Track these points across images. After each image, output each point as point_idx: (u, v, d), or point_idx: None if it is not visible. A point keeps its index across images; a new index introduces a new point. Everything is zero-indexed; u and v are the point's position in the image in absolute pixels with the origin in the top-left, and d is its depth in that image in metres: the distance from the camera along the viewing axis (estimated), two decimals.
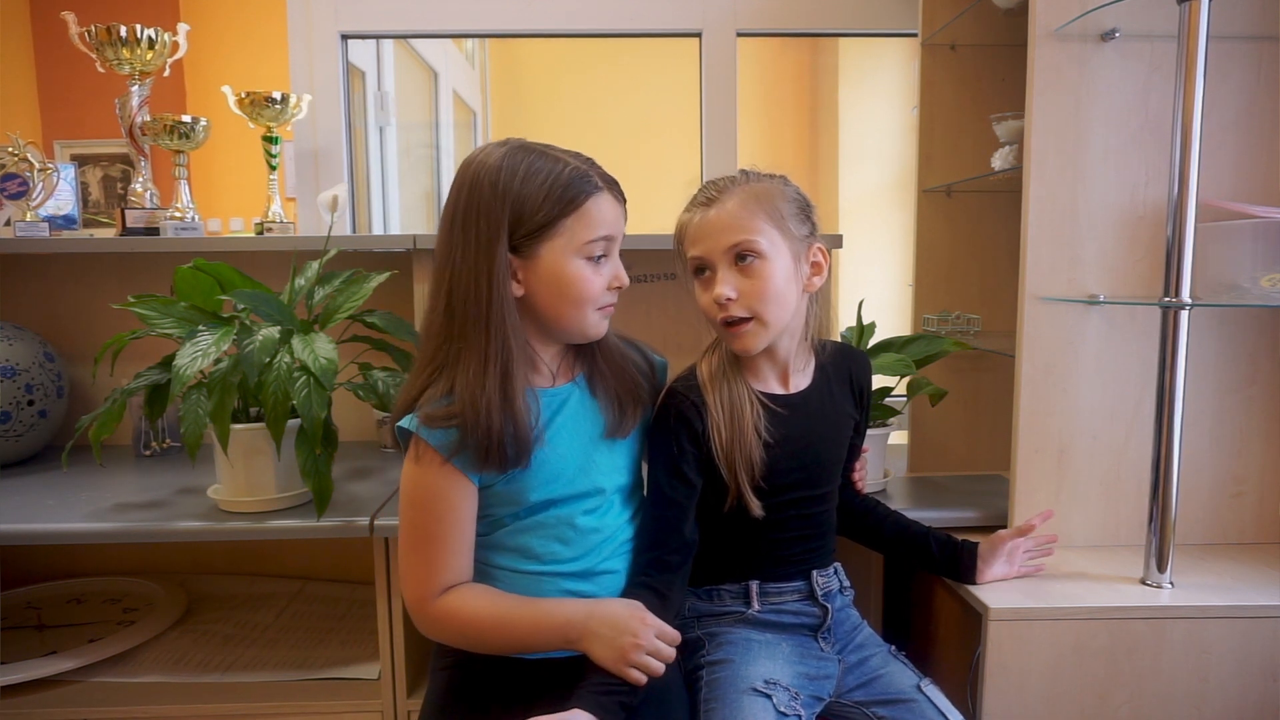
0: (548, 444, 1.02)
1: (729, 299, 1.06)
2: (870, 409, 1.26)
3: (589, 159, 1.02)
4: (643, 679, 0.95)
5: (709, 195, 1.09)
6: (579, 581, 1.04)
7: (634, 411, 1.09)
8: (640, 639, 0.96)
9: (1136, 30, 1.30)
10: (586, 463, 1.05)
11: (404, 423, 0.99)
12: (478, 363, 0.96)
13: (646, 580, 1.05)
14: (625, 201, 1.04)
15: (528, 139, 1.02)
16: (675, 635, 0.99)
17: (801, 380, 1.16)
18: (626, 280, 1.05)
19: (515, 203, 0.96)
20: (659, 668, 0.96)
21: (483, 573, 1.04)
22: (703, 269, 1.10)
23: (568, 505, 1.03)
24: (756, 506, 1.09)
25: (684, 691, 1.10)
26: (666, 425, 1.10)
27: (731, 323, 1.08)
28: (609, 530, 1.06)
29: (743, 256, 1.06)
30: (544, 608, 1.00)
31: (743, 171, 1.12)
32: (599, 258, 1.01)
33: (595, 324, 1.04)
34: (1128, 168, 1.33)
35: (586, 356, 1.09)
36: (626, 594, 1.05)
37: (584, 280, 1.00)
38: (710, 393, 1.10)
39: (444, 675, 1.07)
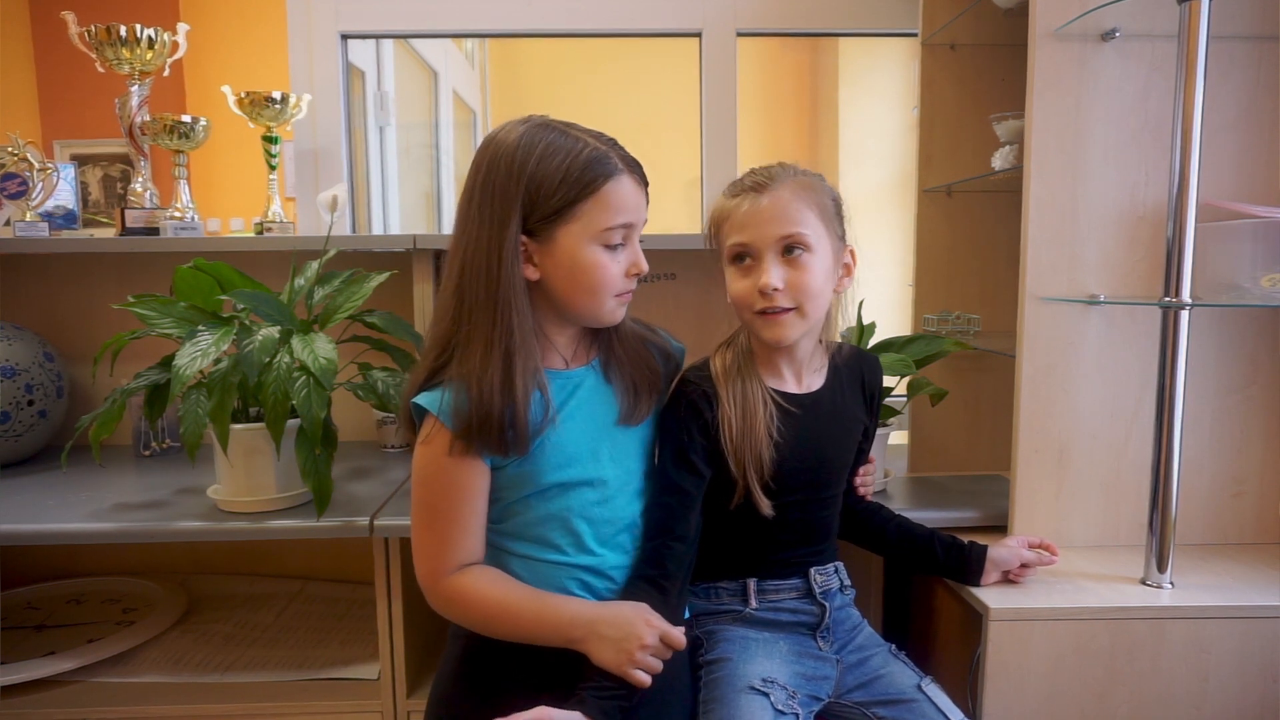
0: (561, 426, 1.01)
1: (776, 289, 1.04)
2: (879, 413, 1.25)
3: (611, 139, 1.00)
4: (646, 680, 0.95)
5: (758, 181, 1.07)
6: (595, 576, 1.04)
7: (648, 399, 1.08)
8: (646, 640, 0.95)
9: (1136, 30, 1.30)
10: (598, 448, 1.04)
11: (420, 400, 0.98)
12: (483, 346, 0.95)
13: (649, 572, 1.04)
14: (648, 184, 1.02)
15: (551, 116, 1.00)
16: (680, 639, 0.99)
17: (815, 380, 1.16)
18: (645, 266, 1.03)
19: (530, 184, 0.95)
20: (658, 665, 0.96)
21: (502, 560, 1.04)
22: (743, 256, 1.08)
23: (580, 491, 1.02)
24: (766, 506, 1.08)
25: (687, 691, 1.09)
26: (677, 413, 1.10)
27: (771, 311, 1.06)
28: (623, 521, 1.05)
29: (791, 248, 1.05)
30: (549, 603, 1.00)
31: (780, 164, 1.10)
32: (618, 243, 0.99)
33: (612, 311, 1.02)
34: (1128, 168, 1.33)
35: (603, 341, 1.08)
36: (627, 586, 1.05)
37: (600, 268, 0.98)
38: (723, 386, 1.09)
39: (460, 643, 1.06)
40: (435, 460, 0.98)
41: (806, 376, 1.15)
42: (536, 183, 0.95)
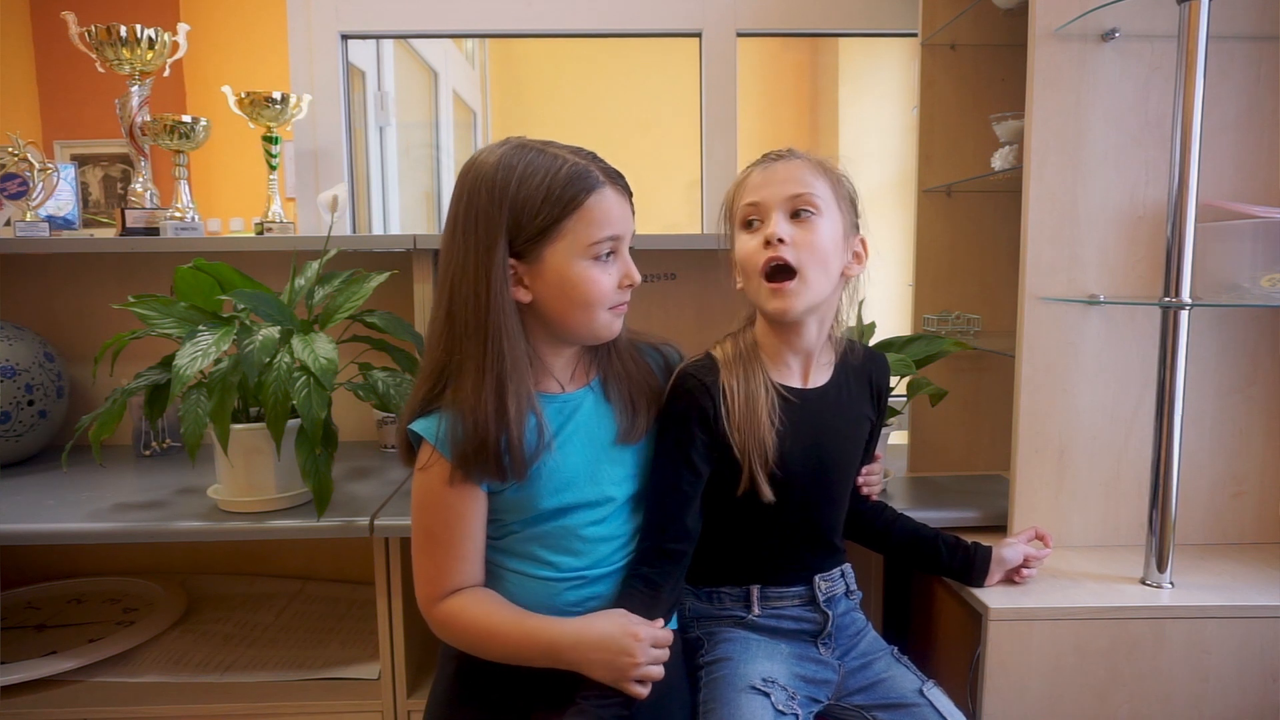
0: (558, 452, 1.01)
1: (780, 240, 1.04)
2: (886, 412, 1.25)
3: (590, 153, 1.00)
4: (644, 692, 0.95)
5: (777, 152, 1.11)
6: (588, 585, 1.04)
7: (647, 415, 1.07)
8: (637, 657, 0.95)
9: (1136, 30, 1.30)
10: (597, 470, 1.04)
11: (416, 428, 0.98)
12: (475, 373, 0.95)
13: (644, 571, 1.04)
14: (631, 195, 1.02)
15: (528, 136, 1.01)
16: (668, 637, 0.98)
17: (821, 376, 1.15)
18: (638, 277, 1.03)
19: (513, 207, 0.95)
20: (660, 673, 0.96)
21: (496, 575, 1.04)
22: (753, 219, 1.08)
23: (577, 513, 1.03)
24: (768, 492, 1.07)
25: (686, 693, 1.09)
26: (676, 410, 1.09)
27: (774, 276, 1.05)
28: (619, 538, 1.06)
29: (799, 210, 1.06)
30: (532, 625, 1.00)
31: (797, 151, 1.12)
32: (606, 256, 0.99)
33: (607, 324, 1.02)
34: (1128, 168, 1.33)
35: (602, 358, 1.08)
36: (621, 587, 1.05)
37: (591, 281, 0.98)
38: (726, 375, 1.08)
39: (452, 664, 1.07)
40: (432, 488, 0.98)
41: (814, 372, 1.14)
42: (519, 204, 0.95)
